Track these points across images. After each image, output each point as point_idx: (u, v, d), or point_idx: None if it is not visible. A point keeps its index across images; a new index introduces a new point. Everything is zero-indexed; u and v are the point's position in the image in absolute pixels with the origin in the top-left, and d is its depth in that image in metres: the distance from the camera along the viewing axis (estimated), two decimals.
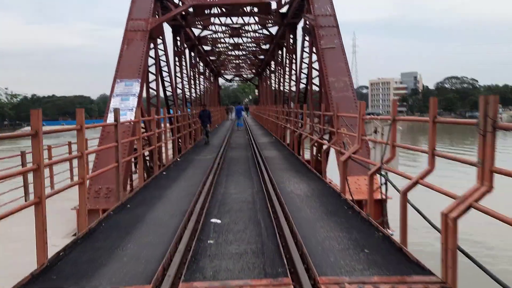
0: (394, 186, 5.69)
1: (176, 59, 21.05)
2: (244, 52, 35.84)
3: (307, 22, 14.55)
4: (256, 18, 22.03)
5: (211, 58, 37.51)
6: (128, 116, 10.56)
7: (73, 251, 5.02)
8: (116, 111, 7.36)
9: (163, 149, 13.87)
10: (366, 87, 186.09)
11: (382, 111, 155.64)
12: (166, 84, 17.48)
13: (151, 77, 15.10)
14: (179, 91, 21.08)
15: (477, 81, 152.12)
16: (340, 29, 18.02)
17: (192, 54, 27.84)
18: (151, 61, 14.84)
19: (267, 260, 4.59)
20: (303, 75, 17.69)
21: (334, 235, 5.41)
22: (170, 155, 17.14)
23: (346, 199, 7.36)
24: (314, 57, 14.96)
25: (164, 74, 17.06)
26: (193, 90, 27.29)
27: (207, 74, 39.24)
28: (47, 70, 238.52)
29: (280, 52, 27.22)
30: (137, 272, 4.34)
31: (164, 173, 11.08)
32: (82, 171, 5.99)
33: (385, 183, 6.18)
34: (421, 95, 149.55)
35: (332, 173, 10.38)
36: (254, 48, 33.29)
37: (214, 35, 26.75)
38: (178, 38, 20.84)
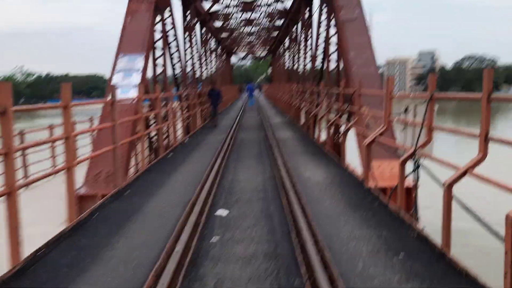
0: (433, 176, 4.81)
1: (186, 34, 20.08)
2: (257, 29, 34.56)
3: None
4: None
5: (223, 35, 36.36)
6: (131, 93, 9.75)
7: (53, 251, 4.29)
8: (112, 88, 6.56)
9: (171, 130, 13.10)
10: (383, 66, 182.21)
11: (398, 89, 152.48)
12: (175, 61, 16.59)
13: (158, 52, 14.22)
14: (189, 68, 20.19)
15: (497, 59, 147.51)
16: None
17: (203, 30, 26.76)
18: (158, 35, 13.95)
19: (281, 267, 3.80)
20: (319, 51, 16.59)
21: (361, 233, 4.58)
22: (179, 135, 16.41)
23: (370, 188, 6.50)
24: (332, 31, 13.89)
25: (172, 50, 16.17)
26: (204, 68, 26.36)
27: (218, 51, 38.12)
28: (62, 50, 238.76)
29: (294, 28, 25.99)
30: (123, 280, 3.60)
31: (169, 155, 10.32)
32: (69, 155, 5.22)
33: (416, 170, 5.29)
34: (437, 75, 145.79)
35: (349, 156, 9.50)
36: (267, 25, 32.02)
37: (225, 10, 25.61)
38: (188, 12, 19.82)
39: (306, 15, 19.87)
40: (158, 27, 13.78)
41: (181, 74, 17.18)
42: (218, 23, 30.23)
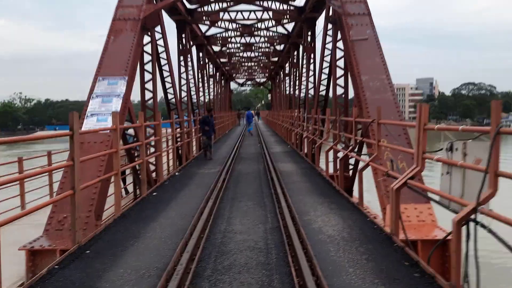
0: (507, 245, 3.35)
1: (181, 58, 18.89)
2: (256, 54, 33.59)
3: (331, 11, 12.27)
4: (270, 13, 19.78)
5: (222, 60, 35.38)
6: (109, 122, 8.37)
7: None
8: (73, 116, 5.16)
9: (160, 161, 11.66)
10: None
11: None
12: (168, 85, 15.29)
13: (148, 76, 12.93)
14: (184, 93, 18.90)
15: (495, 87, 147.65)
16: None
17: (201, 54, 25.67)
18: (147, 57, 12.70)
19: None
20: (323, 75, 15.33)
21: None
22: (170, 167, 14.97)
23: (403, 247, 5.02)
24: (339, 53, 12.66)
25: (166, 74, 14.90)
26: (201, 94, 25.15)
27: (217, 77, 37.04)
28: (62, 76, 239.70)
29: (296, 52, 24.92)
30: None
31: (154, 193, 8.85)
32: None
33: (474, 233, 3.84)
34: (437, 101, 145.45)
35: (357, 189, 8.04)
36: (267, 49, 31.03)
37: (224, 34, 24.58)
38: (183, 35, 18.70)
39: (309, 38, 18.74)
40: (148, 48, 12.55)
41: (174, 99, 15.83)
42: (216, 48, 29.20)
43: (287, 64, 30.94)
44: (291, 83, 27.74)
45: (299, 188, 9.17)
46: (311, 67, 18.80)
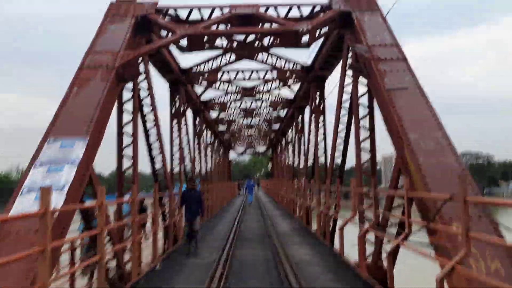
0: None
1: (174, 122, 16.69)
2: (257, 120, 31.61)
3: (351, 59, 10.18)
4: (274, 73, 17.87)
5: (220, 129, 33.44)
6: (55, 200, 5.77)
7: None
8: None
9: (135, 253, 8.83)
10: (380, 163, 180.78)
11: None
12: (156, 152, 12.84)
13: (128, 140, 10.51)
14: (175, 162, 16.44)
15: (492, 156, 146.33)
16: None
17: (197, 120, 23.62)
18: (127, 117, 10.38)
19: None
20: (339, 139, 12.90)
21: None
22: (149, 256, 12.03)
23: None
24: (362, 111, 10.38)
25: (153, 138, 12.52)
26: (198, 163, 22.72)
27: (215, 145, 34.91)
28: None
29: (300, 117, 22.89)
30: None
31: None
32: None
33: None
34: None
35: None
36: (269, 116, 29.07)
37: (222, 98, 22.68)
38: (176, 96, 16.67)
39: (317, 99, 16.67)
40: (129, 105, 10.27)
41: (163, 169, 13.27)
42: (214, 113, 27.20)
43: (290, 131, 28.93)
44: (295, 150, 25.48)
45: None
46: (321, 131, 16.55)
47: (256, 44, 12.03)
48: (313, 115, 16.99)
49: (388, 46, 8.56)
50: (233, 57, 15.09)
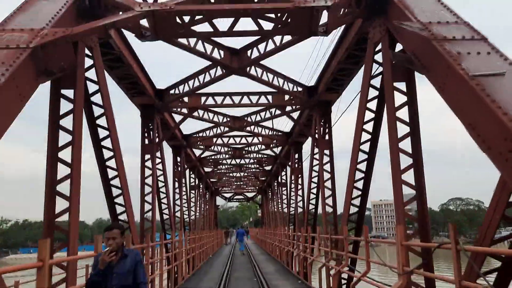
0: None
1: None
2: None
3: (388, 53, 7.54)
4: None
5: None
6: None
7: None
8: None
9: None
10: (369, 209, 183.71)
11: (387, 234, 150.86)
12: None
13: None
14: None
15: (482, 202, 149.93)
16: (334, 151, 13.32)
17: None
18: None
19: None
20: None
21: None
22: None
23: None
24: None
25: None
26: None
27: (200, 189, 31.63)
28: (42, 197, 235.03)
29: (284, 171, 26.35)
30: None
31: None
32: None
33: None
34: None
35: None
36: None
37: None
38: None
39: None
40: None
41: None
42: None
43: (283, 172, 27.07)
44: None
45: None
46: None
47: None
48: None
49: (452, 23, 6.18)
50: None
